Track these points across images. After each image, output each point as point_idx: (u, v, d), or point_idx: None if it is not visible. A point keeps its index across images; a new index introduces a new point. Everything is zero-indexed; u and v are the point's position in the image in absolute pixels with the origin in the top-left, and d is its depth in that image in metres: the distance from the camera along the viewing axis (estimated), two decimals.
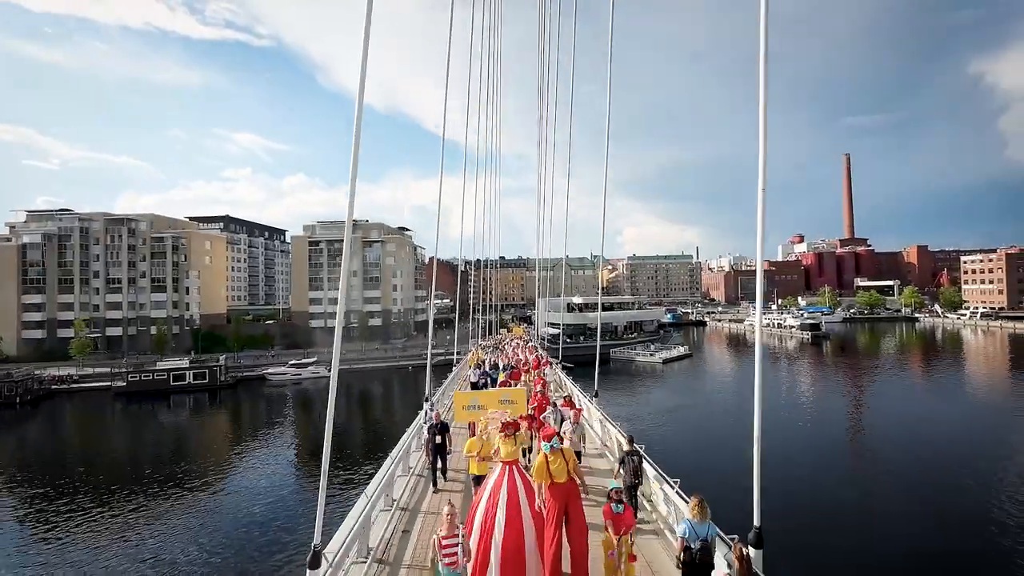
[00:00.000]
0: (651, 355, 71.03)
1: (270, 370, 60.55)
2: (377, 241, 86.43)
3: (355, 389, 59.79)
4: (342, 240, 73.66)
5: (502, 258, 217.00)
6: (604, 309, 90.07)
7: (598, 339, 20.70)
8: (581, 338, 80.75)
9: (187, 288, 76.60)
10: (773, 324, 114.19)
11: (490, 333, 70.00)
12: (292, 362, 62.20)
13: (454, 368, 30.07)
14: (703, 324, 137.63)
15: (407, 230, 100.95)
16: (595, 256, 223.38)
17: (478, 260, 72.96)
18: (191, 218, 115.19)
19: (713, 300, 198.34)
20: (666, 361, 68.89)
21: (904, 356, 74.38)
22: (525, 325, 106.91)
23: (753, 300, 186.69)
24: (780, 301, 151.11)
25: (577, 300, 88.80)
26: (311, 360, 63.19)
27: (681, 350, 74.67)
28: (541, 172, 31.20)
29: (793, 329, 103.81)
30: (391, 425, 40.07)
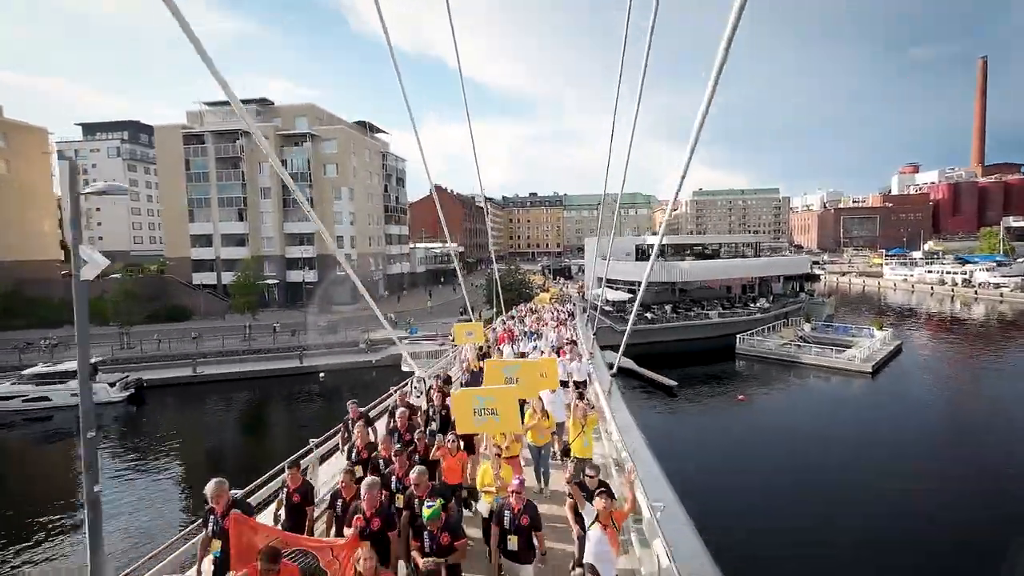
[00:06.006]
0: (831, 350, 33.13)
1: None
2: (304, 136, 49.35)
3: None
4: (238, 132, 35.77)
5: (533, 195, 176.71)
6: (699, 256, 51.65)
7: None
8: (667, 309, 43.23)
9: None
10: (947, 280, 73.24)
11: (492, 306, 34.41)
12: (36, 369, 27.69)
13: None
14: (813, 278, 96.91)
15: (378, 130, 63.32)
16: (647, 197, 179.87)
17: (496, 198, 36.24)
18: (85, 125, 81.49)
19: (799, 246, 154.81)
20: (878, 368, 31.15)
21: None
22: (563, 283, 70.19)
23: (860, 248, 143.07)
24: (926, 246, 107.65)
25: (659, 239, 50.80)
26: (75, 363, 28.57)
27: (878, 336, 36.34)
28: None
29: (1004, 290, 62.89)
30: None
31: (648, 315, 39.12)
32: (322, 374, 32.04)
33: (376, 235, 58.09)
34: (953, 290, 70.10)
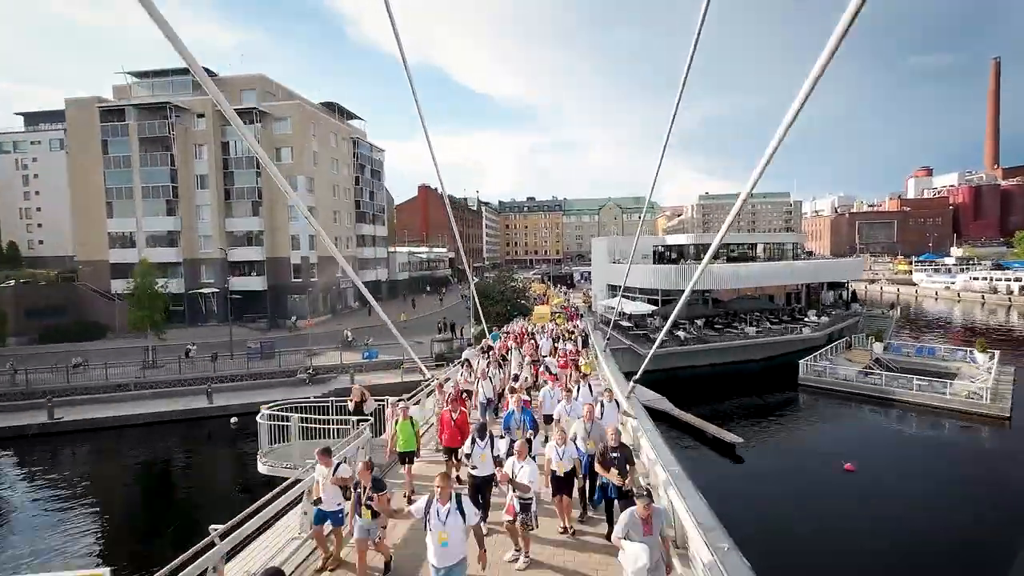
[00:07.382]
0: (938, 383, 24.13)
1: None
2: (251, 113, 40.61)
3: None
4: (168, 107, 28.18)
5: (531, 199, 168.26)
6: (732, 258, 42.69)
7: None
8: (699, 324, 34.24)
9: None
10: (1000, 289, 64.55)
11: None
12: None
13: None
14: (838, 286, 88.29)
15: (351, 115, 54.82)
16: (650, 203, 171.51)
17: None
18: (26, 115, 73.47)
19: (811, 252, 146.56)
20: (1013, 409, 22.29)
21: None
22: (566, 291, 61.39)
23: (878, 253, 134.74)
24: (959, 252, 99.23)
25: (681, 239, 42.08)
26: None
27: (981, 361, 27.45)
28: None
29: None
30: None
31: (680, 333, 30.18)
32: (234, 419, 22.94)
33: (345, 236, 49.18)
34: (1010, 299, 61.49)
